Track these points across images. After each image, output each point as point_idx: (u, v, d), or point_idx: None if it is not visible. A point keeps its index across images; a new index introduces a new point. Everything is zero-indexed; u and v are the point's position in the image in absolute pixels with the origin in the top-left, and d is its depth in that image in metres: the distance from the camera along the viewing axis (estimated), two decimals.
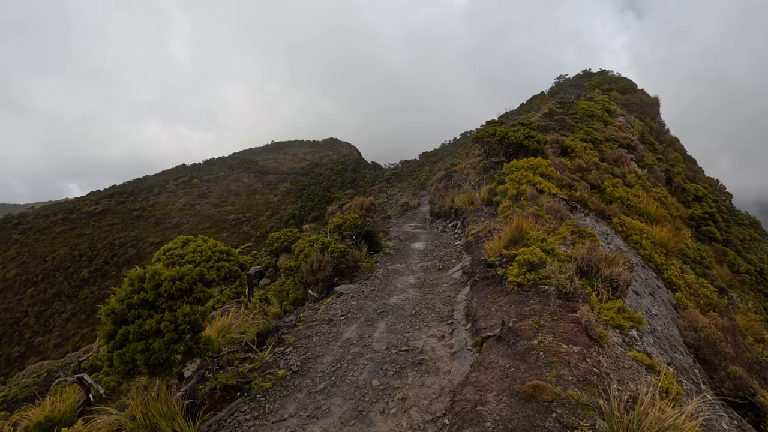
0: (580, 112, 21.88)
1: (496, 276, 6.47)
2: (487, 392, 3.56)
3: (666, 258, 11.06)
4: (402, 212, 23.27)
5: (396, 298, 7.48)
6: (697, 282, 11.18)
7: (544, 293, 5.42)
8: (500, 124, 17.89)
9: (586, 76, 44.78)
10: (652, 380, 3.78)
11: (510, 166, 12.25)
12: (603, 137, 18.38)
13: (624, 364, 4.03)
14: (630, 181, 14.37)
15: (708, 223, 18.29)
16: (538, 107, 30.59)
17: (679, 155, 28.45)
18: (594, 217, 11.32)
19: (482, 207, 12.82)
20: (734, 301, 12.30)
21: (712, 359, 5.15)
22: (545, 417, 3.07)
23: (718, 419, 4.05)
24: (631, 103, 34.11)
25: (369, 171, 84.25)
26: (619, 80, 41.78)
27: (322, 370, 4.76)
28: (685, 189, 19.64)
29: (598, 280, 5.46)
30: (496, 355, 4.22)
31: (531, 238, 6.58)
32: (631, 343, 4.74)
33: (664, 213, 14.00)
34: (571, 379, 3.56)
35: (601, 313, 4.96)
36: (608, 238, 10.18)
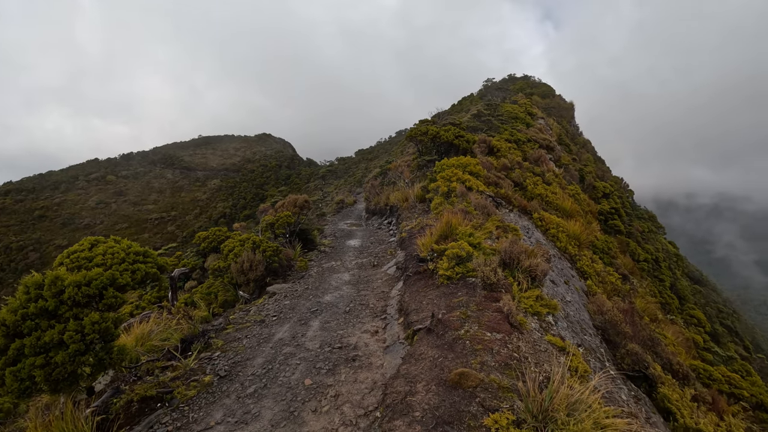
0: (505, 114, 23.25)
1: (428, 270, 6.68)
2: (417, 383, 3.68)
3: (579, 249, 12.14)
4: (338, 209, 23.15)
5: (330, 295, 7.44)
6: (604, 270, 12.42)
7: (471, 285, 5.71)
8: (432, 123, 18.46)
9: (510, 81, 47.69)
10: (564, 361, 4.14)
11: (441, 164, 12.69)
12: (525, 138, 19.69)
13: (540, 348, 4.37)
14: (548, 180, 15.57)
15: (614, 218, 20.38)
16: (468, 108, 31.98)
17: (590, 156, 31.32)
18: (517, 213, 12.11)
19: (416, 204, 13.16)
20: (635, 286, 13.85)
21: (615, 339, 5.77)
22: (470, 402, 3.24)
23: (618, 391, 4.55)
24: (551, 107, 36.90)
25: (304, 168, 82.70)
26: (539, 85, 45.01)
27: (253, 373, 4.61)
28: (595, 187, 21.69)
29: (519, 271, 5.86)
30: (426, 346, 4.37)
31: (460, 233, 6.88)
32: (548, 328, 5.15)
33: (577, 208, 15.35)
34: (494, 364, 3.79)
35: (521, 301, 5.33)
36: (529, 232, 10.95)
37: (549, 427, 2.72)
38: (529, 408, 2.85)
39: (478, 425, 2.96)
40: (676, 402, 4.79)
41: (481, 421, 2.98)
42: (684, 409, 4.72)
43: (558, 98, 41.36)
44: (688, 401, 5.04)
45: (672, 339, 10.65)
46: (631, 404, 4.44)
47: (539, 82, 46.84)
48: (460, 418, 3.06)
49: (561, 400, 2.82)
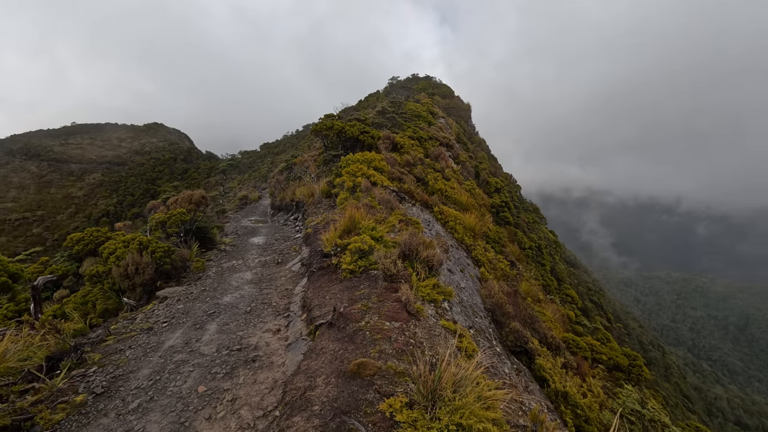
0: (408, 112, 24.16)
1: (332, 265, 6.70)
2: (317, 377, 3.69)
3: (474, 240, 13.18)
4: (241, 206, 22.00)
5: (230, 296, 7.07)
6: (496, 258, 13.67)
7: (374, 277, 5.87)
8: (338, 118, 18.45)
9: (414, 80, 49.67)
10: (455, 342, 4.48)
11: (347, 159, 12.78)
12: (427, 136, 20.69)
13: (435, 332, 4.67)
14: (448, 175, 16.58)
15: (504, 210, 22.47)
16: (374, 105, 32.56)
17: (485, 154, 34.06)
18: (419, 207, 12.72)
19: (322, 199, 13.07)
20: (521, 271, 15.46)
21: (501, 319, 6.40)
22: (367, 390, 3.34)
23: (502, 365, 5.06)
24: (450, 107, 39.24)
25: (203, 162, 76.80)
26: (440, 86, 47.57)
27: (137, 386, 4.19)
28: (488, 182, 23.66)
29: (417, 261, 6.17)
30: (327, 340, 4.39)
31: (363, 227, 7.01)
32: (443, 314, 5.52)
33: (473, 202, 16.62)
34: (392, 352, 3.96)
35: (419, 290, 5.64)
36: (430, 224, 11.59)
37: (437, 405, 2.94)
38: (420, 389, 3.04)
39: (374, 411, 3.07)
40: (549, 370, 5.48)
41: (377, 407, 3.10)
42: (555, 375, 5.43)
43: (457, 99, 44.16)
44: (559, 368, 5.81)
45: (550, 316, 12.13)
46: (512, 376, 4.97)
47: (440, 83, 49.49)
48: (357, 407, 3.15)
49: (448, 379, 3.05)
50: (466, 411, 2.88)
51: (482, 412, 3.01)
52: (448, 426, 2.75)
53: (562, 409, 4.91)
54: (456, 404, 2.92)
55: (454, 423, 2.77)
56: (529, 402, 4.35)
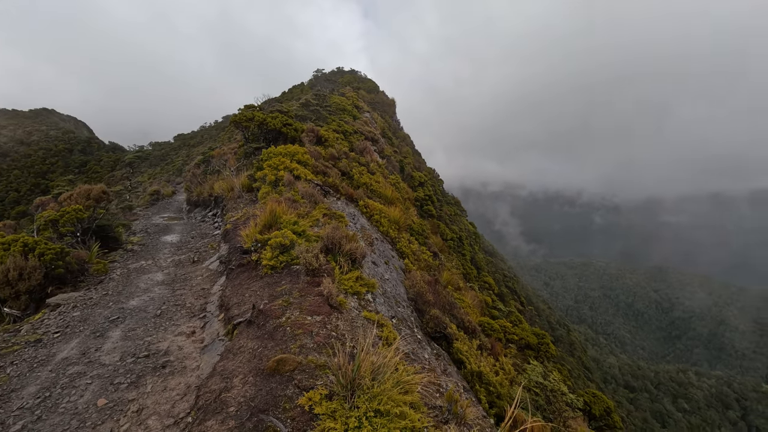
0: (333, 106, 23.94)
1: (252, 262, 6.46)
2: (234, 377, 3.55)
3: (399, 232, 13.50)
4: (152, 202, 20.25)
5: (138, 299, 6.50)
6: (419, 249, 14.14)
7: (295, 273, 5.77)
8: (260, 109, 17.73)
9: (339, 73, 49.27)
10: (374, 332, 4.58)
11: (269, 152, 12.34)
12: (352, 130, 20.70)
13: (357, 324, 4.72)
14: (373, 169, 16.76)
15: (428, 203, 23.30)
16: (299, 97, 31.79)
17: (409, 149, 34.95)
18: (344, 201, 12.71)
19: (242, 193, 12.50)
20: (443, 261, 16.18)
21: (422, 307, 6.66)
22: (286, 386, 3.29)
23: (422, 351, 5.28)
24: (375, 101, 39.60)
25: (106, 153, 69.17)
26: (366, 81, 47.76)
27: (21, 406, 3.70)
28: (413, 176, 24.35)
29: (340, 255, 6.18)
30: (246, 339, 4.24)
31: (284, 221, 6.84)
32: (366, 305, 5.60)
33: (397, 196, 17.00)
34: (313, 346, 3.93)
35: (342, 283, 5.65)
36: (355, 218, 11.64)
37: (357, 394, 2.98)
38: (340, 380, 3.06)
39: (293, 406, 3.04)
40: (466, 352, 5.84)
41: (296, 401, 3.07)
42: (471, 357, 5.79)
43: (382, 94, 44.69)
44: (474, 350, 6.21)
45: (469, 302, 12.88)
46: (432, 360, 5.21)
47: (365, 78, 49.67)
48: (276, 404, 3.09)
49: (367, 368, 3.11)
50: (384, 397, 2.96)
51: (400, 396, 3.12)
52: (367, 413, 2.81)
53: (476, 387, 5.26)
54: (374, 391, 2.99)
55: (373, 409, 2.84)
56: (446, 383, 4.60)
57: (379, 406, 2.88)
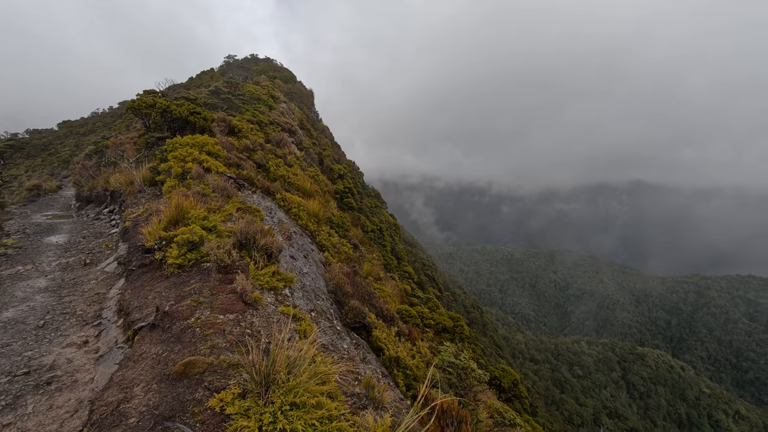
0: (247, 94, 22.80)
1: (156, 261, 5.96)
2: (135, 386, 3.28)
3: (318, 225, 13.38)
4: (32, 198, 17.60)
5: (14, 310, 5.65)
6: (339, 242, 14.16)
7: (206, 270, 5.45)
8: (163, 96, 16.27)
9: (253, 61, 46.91)
10: (293, 326, 4.53)
11: (174, 143, 11.41)
12: (268, 120, 19.92)
13: (274, 320, 4.62)
14: (290, 162, 16.34)
15: (348, 196, 23.36)
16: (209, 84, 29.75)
17: (329, 141, 34.62)
18: (260, 194, 12.24)
19: (144, 188, 11.41)
20: (363, 253, 16.39)
21: (342, 299, 6.71)
22: (196, 389, 3.13)
23: (341, 342, 5.34)
24: (293, 92, 38.49)
25: None
26: (282, 70, 46.12)
27: None
28: (332, 169, 24.20)
29: (255, 250, 5.97)
30: (149, 344, 3.92)
31: (192, 217, 6.41)
32: (283, 300, 5.49)
33: (317, 188, 16.80)
34: (225, 345, 3.77)
35: (258, 279, 5.47)
36: (272, 212, 11.29)
37: (272, 389, 2.94)
38: (254, 377, 2.99)
39: (203, 409, 2.90)
40: (384, 340, 6.02)
41: (206, 404, 2.93)
42: (389, 344, 5.99)
43: (299, 85, 43.53)
44: (393, 337, 6.42)
45: (389, 291, 13.24)
46: (351, 350, 5.29)
47: (282, 67, 47.94)
48: (183, 409, 2.92)
49: (282, 362, 3.08)
50: (300, 390, 2.95)
51: (317, 387, 3.13)
52: (282, 407, 2.78)
53: (394, 372, 5.46)
54: (290, 385, 2.97)
55: (288, 403, 2.82)
56: (365, 371, 4.71)
57: (295, 399, 2.87)
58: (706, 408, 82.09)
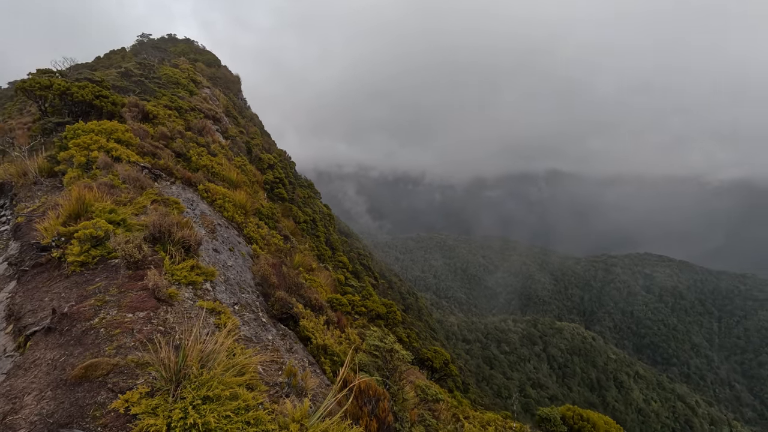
0: (164, 78, 21.13)
1: (54, 260, 5.40)
2: (25, 395, 2.98)
3: (246, 217, 12.90)
4: None
5: None
6: (269, 234, 13.79)
7: (114, 267, 5.05)
8: (62, 76, 14.57)
9: (171, 41, 43.38)
10: (213, 320, 4.38)
11: (76, 129, 10.30)
12: (189, 107, 18.68)
13: (191, 315, 4.43)
14: (214, 151, 15.51)
15: (278, 186, 22.74)
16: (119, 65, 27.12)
17: (258, 129, 33.28)
18: (180, 185, 11.50)
19: (41, 179, 10.19)
20: (295, 244, 16.12)
21: (268, 290, 6.59)
22: (98, 392, 2.93)
23: (266, 333, 5.26)
24: (217, 77, 36.34)
25: None
26: (205, 53, 43.24)
27: None
28: (261, 158, 23.37)
29: (171, 243, 5.64)
30: (43, 349, 3.58)
31: (97, 210, 5.88)
32: (203, 295, 5.27)
33: (244, 179, 16.14)
34: (134, 344, 3.56)
35: (174, 274, 5.19)
36: (194, 204, 10.68)
37: (183, 385, 2.84)
38: (163, 374, 2.86)
39: (105, 412, 2.73)
40: (312, 329, 6.03)
41: (109, 406, 2.76)
42: (317, 332, 6.01)
43: (224, 69, 41.14)
44: (321, 326, 6.46)
45: (322, 282, 13.19)
46: (276, 341, 5.24)
47: (204, 50, 44.89)
48: (82, 414, 2.73)
49: (195, 356, 2.98)
50: (213, 383, 2.89)
51: (233, 379, 3.08)
52: (193, 402, 2.70)
53: (322, 359, 5.51)
54: (203, 379, 2.89)
55: (200, 397, 2.75)
56: (290, 360, 4.70)
57: (208, 393, 2.80)
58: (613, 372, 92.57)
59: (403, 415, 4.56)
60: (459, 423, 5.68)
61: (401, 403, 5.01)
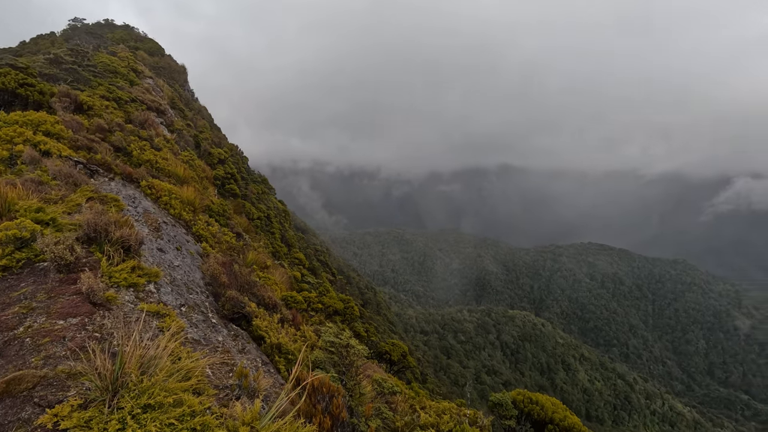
0: (100, 66, 19.65)
1: None
2: None
3: (194, 215, 12.32)
4: None
5: None
6: (220, 231, 13.26)
7: (42, 271, 4.64)
8: None
9: (108, 27, 40.35)
10: (156, 324, 4.15)
11: None
12: (129, 98, 17.52)
13: (132, 319, 4.16)
14: (158, 145, 14.67)
15: (230, 182, 21.94)
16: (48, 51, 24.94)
17: (206, 123, 31.88)
18: (120, 182, 10.79)
19: None
20: (248, 242, 15.64)
21: (218, 290, 6.33)
22: (22, 408, 2.68)
23: (216, 335, 5.06)
24: (160, 67, 34.35)
25: None
26: (146, 40, 40.68)
27: None
28: (211, 153, 22.41)
29: (109, 244, 5.27)
30: None
31: (21, 209, 5.37)
32: (146, 297, 4.97)
33: (192, 174, 15.41)
34: (65, 353, 3.29)
35: (112, 276, 4.85)
36: (136, 201, 10.05)
37: (120, 394, 2.66)
38: (97, 384, 2.67)
39: (30, 429, 2.50)
40: (266, 328, 5.87)
41: (35, 422, 2.53)
42: (271, 331, 5.86)
43: (168, 58, 38.91)
44: (275, 325, 6.30)
45: (277, 279, 12.90)
46: (227, 342, 5.05)
47: (146, 37, 42.19)
48: None
49: (134, 363, 2.80)
50: (155, 389, 2.73)
51: (178, 384, 2.93)
52: (133, 411, 2.54)
53: (276, 359, 5.38)
54: (143, 386, 2.72)
55: (140, 406, 2.59)
56: (242, 362, 4.55)
57: (149, 401, 2.64)
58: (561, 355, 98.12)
59: (359, 410, 4.56)
60: (416, 414, 5.76)
61: (358, 398, 5.01)
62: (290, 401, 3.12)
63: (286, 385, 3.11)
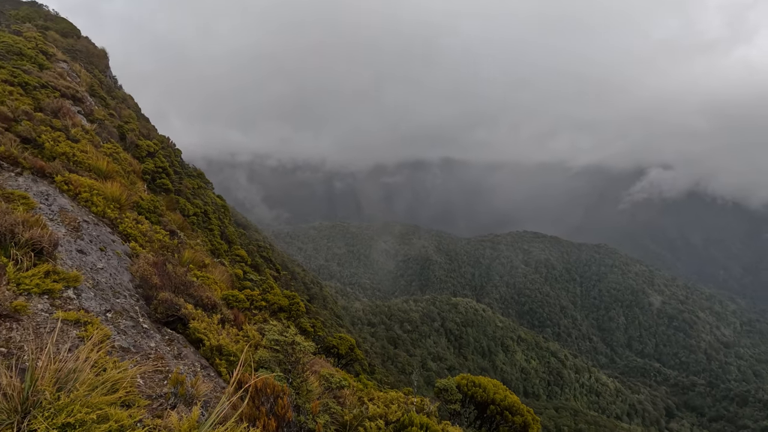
0: (1, 47, 17.41)
1: None
2: None
3: (121, 212, 11.37)
4: None
5: None
6: (152, 229, 12.36)
7: None
8: None
9: (10, 2, 35.73)
10: (76, 333, 3.77)
11: None
12: (39, 83, 15.72)
13: (46, 329, 3.75)
14: (75, 136, 13.33)
15: (162, 176, 20.51)
16: None
17: (133, 113, 29.46)
18: (31, 177, 9.67)
19: None
20: (183, 240, 14.74)
21: (149, 292, 5.89)
22: None
23: (148, 341, 4.70)
24: (76, 50, 31.17)
25: None
26: (59, 20, 36.62)
27: None
28: (138, 145, 20.76)
29: (16, 247, 4.69)
30: None
31: None
32: (64, 305, 4.50)
33: (117, 168, 14.18)
34: None
35: (22, 282, 4.33)
36: (50, 198, 9.05)
37: (32, 414, 2.37)
38: (4, 406, 2.36)
39: None
40: (204, 330, 5.56)
41: None
42: (210, 333, 5.56)
43: (85, 41, 35.32)
44: (215, 326, 5.99)
45: (216, 278, 12.30)
46: (161, 348, 4.72)
47: (57, 16, 37.93)
48: None
49: (49, 379, 2.51)
50: (75, 406, 2.46)
51: (102, 398, 2.67)
52: None
53: (217, 362, 5.12)
54: (60, 404, 2.44)
55: (57, 426, 2.32)
56: (178, 367, 4.27)
57: (68, 419, 2.38)
58: (500, 338, 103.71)
59: (307, 407, 4.47)
60: (364, 406, 5.77)
61: (305, 395, 4.91)
62: (232, 405, 2.97)
63: (227, 389, 2.95)
